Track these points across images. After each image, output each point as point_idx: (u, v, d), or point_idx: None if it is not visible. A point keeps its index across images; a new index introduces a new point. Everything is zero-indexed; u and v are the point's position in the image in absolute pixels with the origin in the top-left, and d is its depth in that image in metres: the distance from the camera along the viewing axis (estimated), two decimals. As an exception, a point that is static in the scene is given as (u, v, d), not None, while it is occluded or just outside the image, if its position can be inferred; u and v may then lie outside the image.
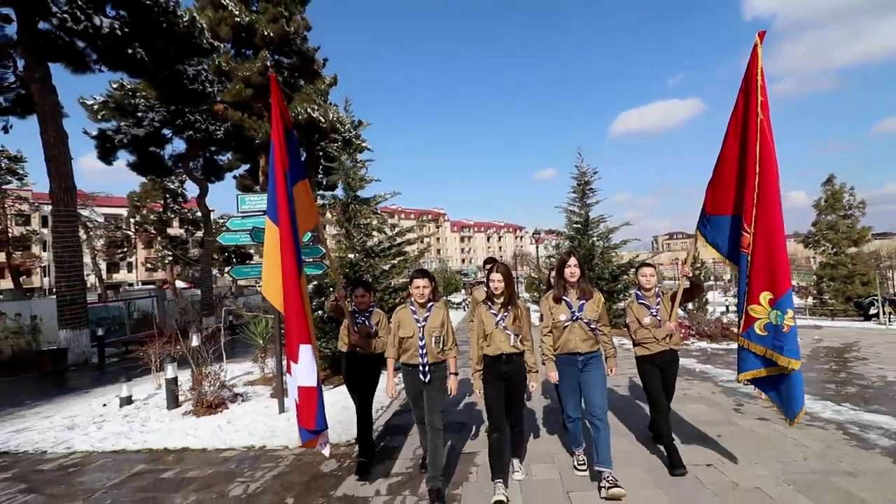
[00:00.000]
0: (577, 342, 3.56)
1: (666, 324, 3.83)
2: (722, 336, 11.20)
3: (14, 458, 4.78)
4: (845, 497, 3.18)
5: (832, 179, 21.37)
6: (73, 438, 5.14)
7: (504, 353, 3.45)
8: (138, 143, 16.74)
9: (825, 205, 21.31)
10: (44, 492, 3.89)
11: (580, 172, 13.89)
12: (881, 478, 3.46)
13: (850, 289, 20.05)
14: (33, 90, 11.70)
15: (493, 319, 3.49)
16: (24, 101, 14.12)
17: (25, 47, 11.64)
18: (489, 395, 3.50)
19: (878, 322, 15.44)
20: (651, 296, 3.98)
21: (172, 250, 42.47)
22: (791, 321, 3.28)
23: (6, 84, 13.80)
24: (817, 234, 21.30)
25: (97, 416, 5.97)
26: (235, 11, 18.26)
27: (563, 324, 3.59)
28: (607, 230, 13.41)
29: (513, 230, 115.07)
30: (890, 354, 8.81)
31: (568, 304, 3.61)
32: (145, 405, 6.42)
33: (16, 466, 4.50)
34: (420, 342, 3.52)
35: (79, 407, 6.59)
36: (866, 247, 20.84)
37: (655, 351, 3.87)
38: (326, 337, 7.34)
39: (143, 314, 17.02)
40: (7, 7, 11.76)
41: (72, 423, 5.72)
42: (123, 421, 5.70)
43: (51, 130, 11.68)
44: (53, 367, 10.43)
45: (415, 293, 3.61)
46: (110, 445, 4.92)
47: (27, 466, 4.50)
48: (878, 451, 3.95)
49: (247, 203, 6.06)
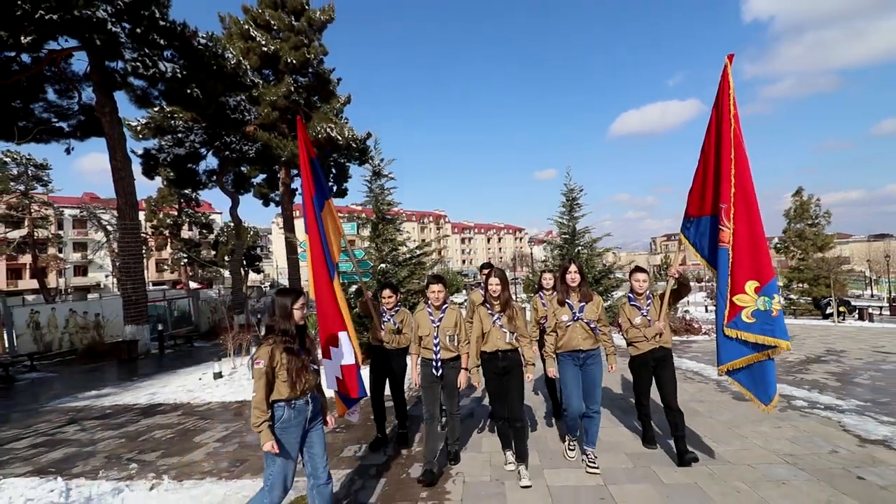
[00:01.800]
0: (579, 340, 3.88)
1: (655, 323, 4.06)
2: (685, 331, 13.34)
3: (172, 406, 6.94)
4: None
5: (801, 191, 23.56)
6: (199, 396, 7.29)
7: (500, 349, 3.75)
8: (177, 161, 18.87)
9: (794, 214, 23.50)
10: (209, 418, 6.06)
11: (568, 189, 16.01)
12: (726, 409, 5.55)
13: (816, 290, 22.21)
14: (103, 122, 13.82)
15: (490, 319, 3.80)
16: (83, 126, 16.24)
17: (97, 85, 13.78)
18: (490, 389, 3.87)
19: (832, 320, 17.60)
20: (642, 298, 4.22)
21: (187, 252, 44.60)
22: (778, 305, 3.53)
23: (70, 112, 15.96)
24: (787, 241, 23.50)
25: (201, 385, 8.09)
26: (262, 42, 20.43)
27: (566, 324, 3.91)
28: (591, 240, 15.54)
29: (513, 231, 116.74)
30: (816, 344, 10.95)
31: (570, 306, 3.93)
32: (230, 378, 8.54)
33: (177, 410, 6.66)
34: (434, 340, 3.92)
35: (180, 380, 8.70)
36: (830, 252, 22.99)
37: (646, 349, 4.12)
38: (361, 330, 9.44)
39: (181, 312, 19.16)
40: (80, 51, 13.89)
41: (187, 389, 7.85)
42: (224, 386, 7.84)
43: (118, 156, 13.81)
44: (128, 355, 12.55)
45: (431, 297, 3.99)
46: (224, 398, 7.08)
47: (187, 410, 6.66)
48: (728, 395, 6.06)
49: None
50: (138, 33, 12.87)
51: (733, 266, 3.62)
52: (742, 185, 3.55)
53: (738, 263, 3.60)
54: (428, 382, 3.97)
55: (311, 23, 22.77)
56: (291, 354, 2.80)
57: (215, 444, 5.07)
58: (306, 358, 2.90)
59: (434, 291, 3.94)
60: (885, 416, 5.13)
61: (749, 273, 3.56)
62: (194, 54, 13.49)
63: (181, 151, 18.22)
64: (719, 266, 3.71)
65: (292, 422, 2.84)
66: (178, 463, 4.49)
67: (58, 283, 54.00)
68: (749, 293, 3.55)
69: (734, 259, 3.62)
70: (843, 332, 13.96)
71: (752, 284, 3.54)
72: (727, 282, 3.65)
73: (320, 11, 23.03)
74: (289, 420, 2.82)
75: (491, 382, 3.82)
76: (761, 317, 3.50)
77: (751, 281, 3.55)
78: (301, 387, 2.84)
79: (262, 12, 21.36)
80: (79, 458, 4.80)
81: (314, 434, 2.98)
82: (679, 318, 14.22)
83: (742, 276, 3.58)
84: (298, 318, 2.89)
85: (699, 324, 13.86)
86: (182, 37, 13.43)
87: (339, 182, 27.45)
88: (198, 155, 19.24)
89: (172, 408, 6.79)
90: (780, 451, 4.20)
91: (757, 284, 3.53)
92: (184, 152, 18.27)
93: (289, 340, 2.82)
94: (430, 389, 3.95)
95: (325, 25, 23.44)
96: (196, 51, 13.50)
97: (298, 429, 2.87)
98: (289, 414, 2.82)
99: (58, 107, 15.54)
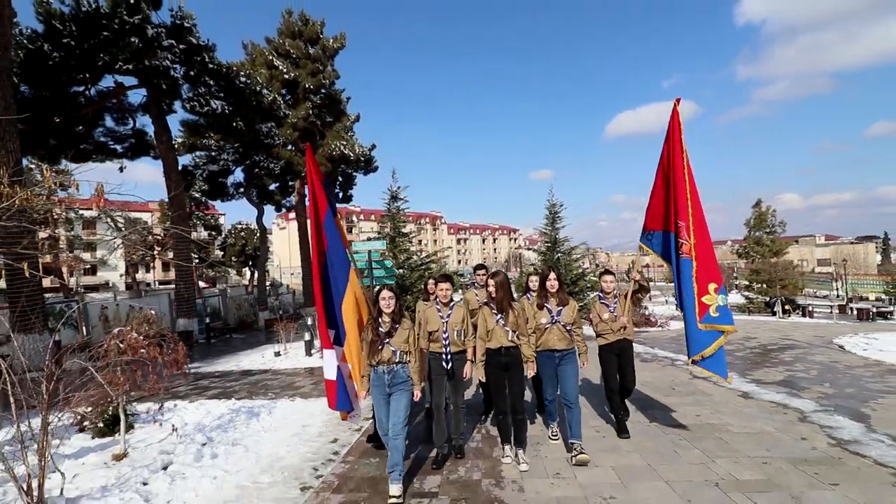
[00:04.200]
0: (555, 341, 4.21)
1: (620, 318, 4.63)
2: (643, 323, 16.20)
3: (260, 371, 9.62)
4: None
5: (760, 203, 26.55)
6: (272, 366, 10.00)
7: (503, 346, 3.99)
8: (211, 176, 21.54)
9: (754, 223, 26.50)
10: (292, 375, 8.81)
11: (551, 204, 18.85)
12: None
13: (771, 291, 25.22)
14: (160, 148, 16.48)
15: (494, 318, 4.03)
16: (134, 148, 18.84)
17: (155, 118, 16.43)
18: (493, 384, 4.09)
19: (777, 317, 20.57)
20: (611, 297, 4.77)
21: (197, 253, 47.14)
22: (726, 301, 4.42)
23: (124, 136, 18.58)
24: (747, 247, 26.51)
25: (267, 360, 10.81)
26: (284, 70, 23.09)
27: (544, 326, 4.22)
28: (569, 249, 18.38)
29: (507, 232, 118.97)
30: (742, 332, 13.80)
31: (549, 310, 4.25)
32: (286, 356, 11.25)
33: (265, 373, 9.38)
34: (444, 335, 4.15)
35: (248, 359, 11.39)
36: (785, 257, 26.01)
37: (612, 340, 4.70)
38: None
39: (213, 309, 21.81)
40: (140, 88, 16.52)
41: (259, 363, 10.56)
42: (286, 360, 10.58)
43: (174, 177, 16.47)
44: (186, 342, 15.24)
45: (440, 294, 4.23)
46: (291, 366, 9.83)
47: (272, 372, 9.36)
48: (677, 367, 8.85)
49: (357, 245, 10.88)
50: (192, 75, 15.57)
51: (698, 272, 4.33)
52: (696, 206, 4.36)
53: (702, 270, 4.34)
54: (437, 375, 4.22)
55: (325, 50, 25.42)
56: (374, 332, 3.70)
57: (310, 385, 7.82)
58: (380, 339, 3.65)
59: (443, 290, 4.22)
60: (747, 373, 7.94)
61: (710, 277, 4.34)
62: (238, 92, 16.17)
63: (215, 168, 20.88)
64: (682, 273, 4.43)
65: (375, 382, 3.71)
66: (296, 393, 7.26)
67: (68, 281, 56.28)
68: (711, 293, 4.32)
69: (698, 267, 4.34)
70: (777, 326, 16.87)
71: (712, 286, 4.34)
72: (693, 286, 4.36)
73: (333, 39, 25.70)
74: (372, 381, 3.73)
75: (493, 378, 4.07)
76: (722, 310, 4.33)
77: (711, 283, 4.35)
78: (377, 358, 3.66)
79: (283, 42, 24.02)
80: (230, 394, 7.48)
81: (392, 398, 3.69)
82: (641, 313, 17.10)
83: (705, 280, 4.33)
84: (383, 306, 3.74)
85: (656, 318, 16.73)
86: (227, 77, 16.11)
87: (345, 189, 30.16)
88: (228, 170, 21.91)
89: (261, 372, 9.53)
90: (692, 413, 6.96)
91: (716, 286, 4.34)
92: (217, 168, 20.94)
93: (374, 322, 3.77)
94: (438, 381, 4.21)
95: (338, 52, 26.10)
96: (239, 89, 16.18)
97: (380, 388, 3.68)
98: (373, 376, 3.73)
99: (114, 132, 18.14)
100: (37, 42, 13.40)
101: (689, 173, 4.35)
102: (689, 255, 4.37)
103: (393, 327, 3.72)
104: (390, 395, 3.69)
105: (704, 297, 4.31)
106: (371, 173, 28.32)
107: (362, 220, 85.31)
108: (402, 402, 3.66)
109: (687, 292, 4.40)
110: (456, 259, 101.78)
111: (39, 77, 13.77)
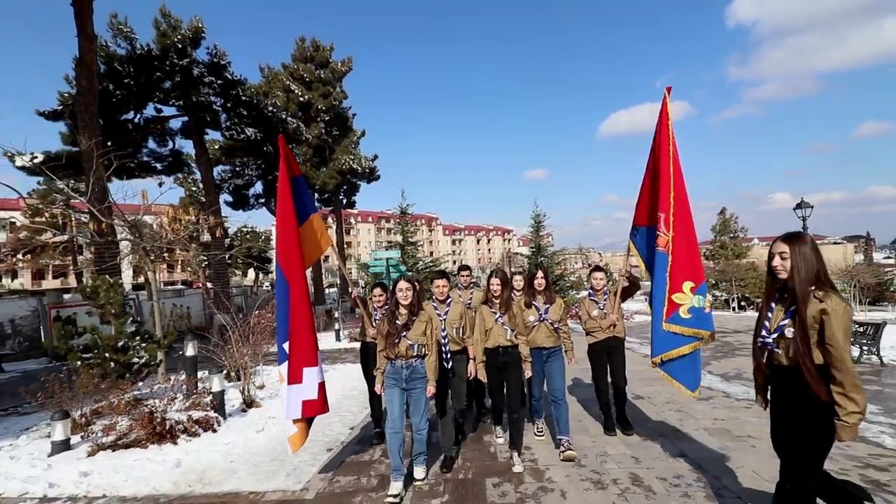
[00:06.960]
0: (542, 339, 4.29)
1: (609, 315, 4.53)
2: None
3: None
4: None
5: (724, 211, 29.67)
6: (312, 349, 12.79)
7: (501, 345, 3.98)
8: (236, 189, 24.28)
9: (719, 228, 29.56)
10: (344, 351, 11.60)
11: (536, 215, 21.73)
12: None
13: (737, 290, 28.29)
14: (201, 169, 19.21)
15: (492, 317, 4.02)
16: (171, 166, 21.52)
17: (196, 143, 19.13)
18: (490, 382, 4.10)
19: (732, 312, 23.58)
20: (600, 294, 4.71)
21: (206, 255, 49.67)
22: (708, 303, 3.96)
23: (164, 156, 21.26)
24: (713, 250, 29.57)
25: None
26: (299, 93, 25.81)
27: (532, 324, 4.27)
28: (551, 253, 21.28)
29: (501, 233, 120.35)
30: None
31: (536, 308, 4.32)
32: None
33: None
34: (443, 333, 4.06)
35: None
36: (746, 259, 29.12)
37: (602, 338, 4.61)
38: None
39: (237, 306, 24.51)
40: (182, 116, 19.22)
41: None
42: (326, 342, 13.35)
43: (211, 194, 19.20)
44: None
45: (436, 291, 4.17)
46: (334, 346, 12.58)
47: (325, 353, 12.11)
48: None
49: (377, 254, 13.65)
50: (228, 106, 18.31)
51: (672, 268, 3.96)
52: (680, 198, 3.97)
53: (676, 265, 3.94)
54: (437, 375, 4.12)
55: (335, 73, 28.18)
56: (390, 325, 3.61)
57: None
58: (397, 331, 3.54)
59: (439, 286, 4.13)
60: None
61: (686, 274, 3.93)
62: (266, 120, 18.93)
63: (239, 182, 23.61)
64: (656, 268, 4.08)
65: (391, 375, 3.61)
66: (355, 360, 10.03)
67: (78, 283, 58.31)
68: (686, 292, 3.90)
69: (673, 261, 3.96)
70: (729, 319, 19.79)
71: (688, 284, 3.91)
72: (665, 281, 3.96)
73: (341, 63, 28.49)
74: (388, 373, 3.63)
75: (491, 376, 4.03)
76: (696, 312, 3.87)
77: (687, 281, 3.91)
78: (394, 351, 3.55)
79: (298, 67, 26.75)
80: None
81: (411, 397, 3.61)
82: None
83: (679, 277, 3.93)
84: (400, 297, 3.62)
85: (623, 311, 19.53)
86: (258, 107, 18.86)
87: (349, 196, 32.93)
88: (250, 183, 24.66)
89: (310, 353, 12.32)
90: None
91: (693, 284, 3.91)
92: (241, 182, 23.68)
93: (391, 314, 3.66)
94: (439, 382, 3.94)
95: (345, 74, 28.85)
96: (267, 117, 18.93)
97: (397, 383, 3.59)
98: (389, 368, 3.63)
99: (156, 152, 20.81)
100: (103, 82, 16.09)
101: (674, 164, 4.06)
102: (664, 249, 4.03)
103: (410, 319, 3.65)
104: (407, 391, 3.65)
105: (675, 295, 3.95)
106: (374, 181, 31.16)
107: (360, 223, 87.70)
108: (422, 401, 3.67)
109: (658, 288, 4.06)
110: (451, 260, 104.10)
111: (100, 109, 16.47)
